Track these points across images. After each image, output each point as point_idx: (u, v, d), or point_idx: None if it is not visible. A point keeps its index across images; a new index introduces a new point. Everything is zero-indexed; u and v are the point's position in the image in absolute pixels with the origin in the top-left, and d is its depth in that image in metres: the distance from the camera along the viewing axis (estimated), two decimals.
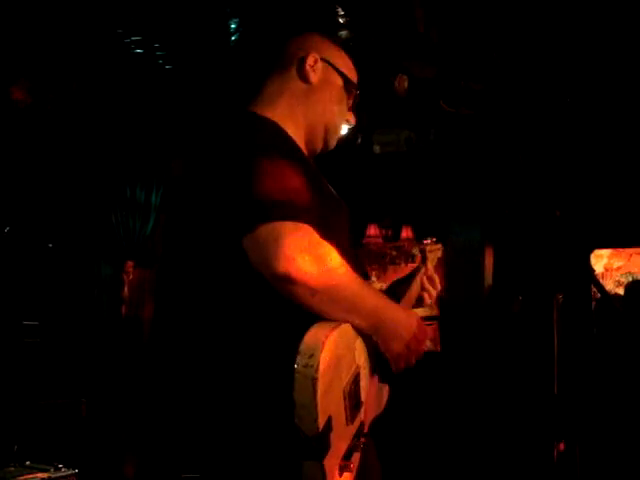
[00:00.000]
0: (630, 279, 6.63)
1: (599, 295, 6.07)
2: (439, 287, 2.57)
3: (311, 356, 1.60)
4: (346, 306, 1.78)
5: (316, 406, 1.57)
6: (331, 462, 1.65)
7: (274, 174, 1.77)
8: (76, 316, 6.21)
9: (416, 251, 2.72)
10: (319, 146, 2.22)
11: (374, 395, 2.01)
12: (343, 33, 4.92)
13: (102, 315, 6.52)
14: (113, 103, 6.11)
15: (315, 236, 1.74)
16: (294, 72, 2.14)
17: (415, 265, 2.60)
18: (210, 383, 1.87)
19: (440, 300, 5.83)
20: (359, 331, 1.84)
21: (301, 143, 2.13)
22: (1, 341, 5.16)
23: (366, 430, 1.92)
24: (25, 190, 5.72)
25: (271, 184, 1.74)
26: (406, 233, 7.58)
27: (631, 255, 6.81)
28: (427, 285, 2.51)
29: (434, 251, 2.76)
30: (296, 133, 2.10)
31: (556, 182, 5.64)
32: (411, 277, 2.49)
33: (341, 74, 2.19)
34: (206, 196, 1.90)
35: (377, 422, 2.04)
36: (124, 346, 6.56)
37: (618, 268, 6.71)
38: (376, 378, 2.00)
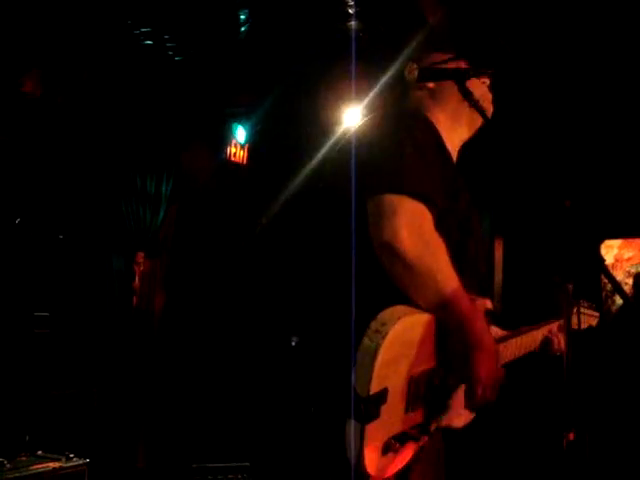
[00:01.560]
0: None
1: (609, 285, 6.06)
2: (562, 347, 2.54)
3: (383, 324, 1.69)
4: (436, 295, 1.82)
5: (372, 370, 1.65)
6: (376, 433, 1.69)
7: (417, 157, 1.92)
8: (87, 307, 6.22)
9: None
10: (477, 123, 2.34)
11: (453, 406, 1.99)
12: (352, 23, 4.91)
13: (113, 306, 6.52)
14: (123, 94, 6.11)
15: (429, 223, 1.84)
16: (415, 87, 2.27)
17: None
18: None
19: None
20: (446, 330, 1.86)
21: (454, 132, 2.27)
22: (12, 332, 5.17)
23: (431, 430, 1.92)
24: (35, 181, 5.73)
25: (412, 164, 1.89)
26: None
27: None
28: (554, 341, 2.51)
29: (588, 316, 2.79)
30: (444, 123, 2.22)
31: (566, 172, 5.62)
32: (538, 325, 2.50)
33: (444, 62, 2.30)
34: (363, 160, 2.01)
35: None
36: (135, 337, 6.58)
37: (629, 259, 6.67)
38: (460, 392, 1.97)
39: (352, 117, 6.11)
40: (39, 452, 4.45)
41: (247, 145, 6.92)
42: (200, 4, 5.03)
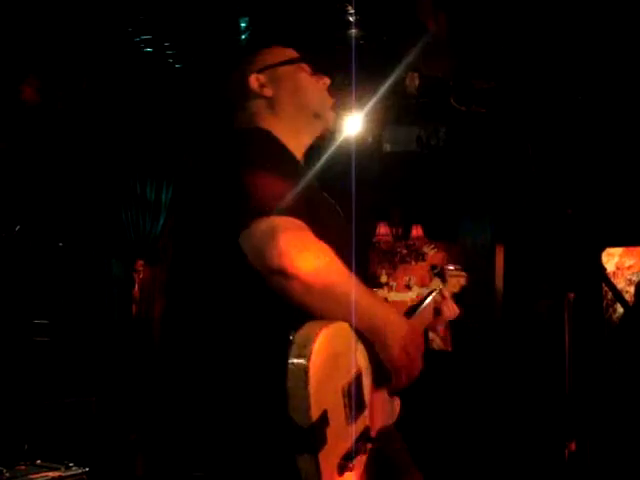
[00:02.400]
0: None
1: (610, 294, 6.05)
2: (456, 312, 2.54)
3: (304, 346, 1.61)
4: (340, 305, 1.77)
5: (308, 397, 1.58)
6: (328, 459, 1.64)
7: (266, 178, 1.82)
8: (86, 315, 6.22)
9: (427, 249, 2.72)
10: (318, 130, 2.28)
11: (382, 403, 2.01)
12: (353, 32, 4.91)
13: (112, 313, 6.52)
14: (123, 102, 6.12)
15: (310, 233, 1.77)
16: (253, 97, 2.22)
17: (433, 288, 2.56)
18: (208, 379, 1.94)
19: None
20: (360, 335, 1.84)
21: (295, 139, 2.19)
22: (11, 340, 5.17)
23: (373, 435, 1.91)
24: (35, 189, 5.73)
25: (264, 187, 1.79)
26: (416, 232, 7.59)
27: None
28: (444, 308, 2.49)
29: (456, 277, 2.75)
30: (285, 131, 2.15)
31: (567, 180, 5.62)
32: (425, 298, 2.47)
33: (282, 63, 2.24)
34: (208, 199, 1.99)
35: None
36: (134, 344, 6.57)
37: (630, 267, 6.66)
38: (384, 388, 1.98)
39: (352, 124, 6.11)
40: (38, 461, 4.45)
41: None
42: (200, 11, 5.03)
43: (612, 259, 6.68)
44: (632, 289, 6.54)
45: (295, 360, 1.60)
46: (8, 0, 4.71)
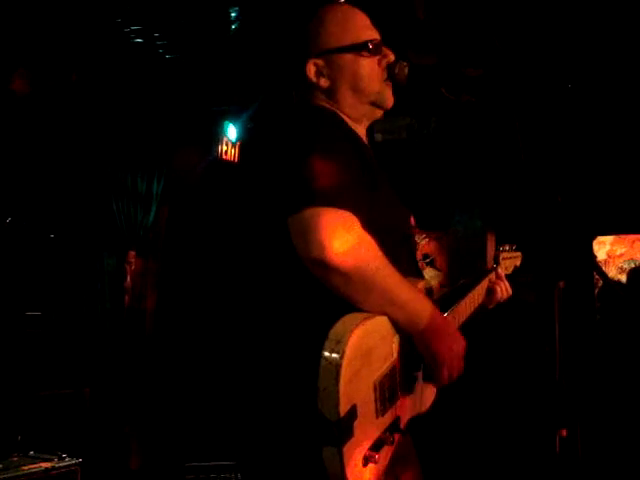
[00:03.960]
0: (633, 266, 6.63)
1: (601, 282, 6.08)
2: (509, 293, 2.58)
3: (338, 342, 1.62)
4: (380, 297, 1.79)
5: (338, 392, 1.59)
6: (353, 450, 1.65)
7: (327, 162, 1.81)
8: (79, 306, 6.22)
9: (419, 239, 2.73)
10: (376, 114, 2.24)
11: (415, 392, 2.00)
12: None
13: (105, 305, 6.52)
14: (113, 93, 6.10)
15: (356, 225, 1.77)
16: (310, 85, 2.15)
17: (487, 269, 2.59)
18: (235, 364, 1.93)
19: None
20: (398, 327, 1.85)
21: (356, 122, 2.17)
22: (4, 332, 5.16)
23: (402, 426, 1.91)
24: (26, 181, 5.72)
25: (320, 170, 1.78)
26: None
27: (634, 242, 6.79)
28: (497, 288, 2.52)
29: (511, 259, 2.76)
30: (351, 113, 2.15)
31: (558, 168, 5.63)
32: (478, 279, 2.49)
33: (344, 49, 2.14)
34: (262, 178, 1.98)
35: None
36: (127, 336, 6.57)
37: (621, 255, 6.69)
38: (420, 377, 1.98)
39: None
40: (31, 452, 4.46)
41: (238, 143, 6.91)
42: (190, 1, 5.02)
43: (603, 247, 6.71)
44: (623, 277, 6.57)
45: (328, 355, 1.62)
46: None
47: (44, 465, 4.26)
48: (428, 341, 1.87)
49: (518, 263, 2.82)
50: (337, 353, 1.61)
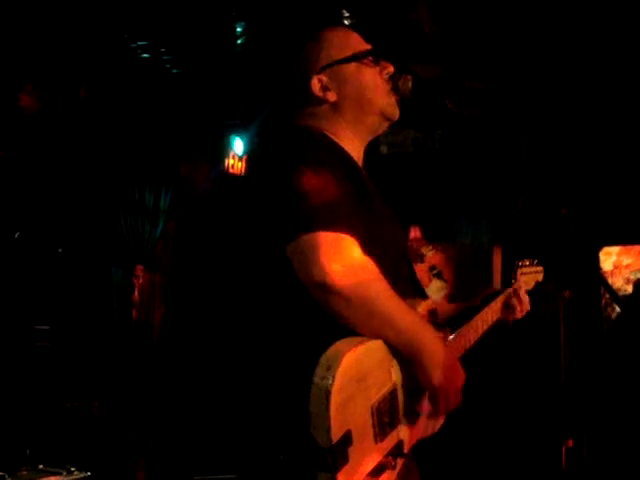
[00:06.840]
0: (639, 276, 6.61)
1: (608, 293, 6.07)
2: (527, 309, 2.55)
3: (329, 368, 1.61)
4: (380, 320, 1.77)
5: (329, 418, 1.58)
6: (350, 477, 1.63)
7: (318, 185, 1.80)
8: (87, 320, 6.23)
9: (425, 250, 2.72)
10: (382, 127, 2.22)
11: (423, 416, 1.95)
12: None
13: (113, 319, 6.54)
14: (121, 107, 6.13)
15: (354, 248, 1.77)
16: (314, 99, 2.12)
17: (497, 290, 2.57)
18: (231, 386, 1.96)
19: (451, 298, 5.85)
20: (396, 351, 1.82)
21: (355, 140, 2.15)
22: (13, 345, 5.18)
23: (406, 451, 1.88)
24: (34, 195, 5.75)
25: (314, 195, 1.78)
26: (414, 233, 7.58)
27: None
28: (515, 303, 2.51)
29: (532, 274, 2.74)
30: (346, 134, 2.12)
31: (563, 180, 5.63)
32: (492, 298, 2.47)
33: (348, 59, 2.13)
34: (254, 206, 1.97)
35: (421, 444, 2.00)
36: (135, 349, 6.58)
37: (627, 266, 6.67)
38: (425, 400, 1.93)
39: None
40: (40, 466, 4.45)
41: (245, 157, 6.93)
42: (196, 17, 5.05)
43: (610, 258, 6.69)
44: (630, 288, 6.56)
45: (318, 382, 1.60)
46: (6, 8, 4.73)
47: (53, 479, 4.26)
48: (427, 371, 1.83)
49: (540, 278, 2.77)
50: (327, 379, 1.59)
